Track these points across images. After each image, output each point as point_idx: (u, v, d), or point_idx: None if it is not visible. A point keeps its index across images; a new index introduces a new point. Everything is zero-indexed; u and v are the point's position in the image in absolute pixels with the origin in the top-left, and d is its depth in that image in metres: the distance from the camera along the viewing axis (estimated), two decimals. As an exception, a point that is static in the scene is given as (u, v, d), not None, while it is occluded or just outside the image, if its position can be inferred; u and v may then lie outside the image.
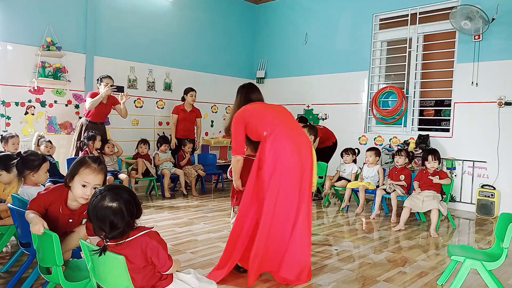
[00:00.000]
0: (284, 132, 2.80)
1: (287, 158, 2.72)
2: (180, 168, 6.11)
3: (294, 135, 2.83)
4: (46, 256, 2.01)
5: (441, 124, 6.64)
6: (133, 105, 6.44)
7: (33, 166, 2.64)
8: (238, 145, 2.92)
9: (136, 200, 1.83)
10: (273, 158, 2.72)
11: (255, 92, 3.12)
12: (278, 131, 2.78)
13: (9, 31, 5.25)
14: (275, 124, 2.82)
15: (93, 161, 2.16)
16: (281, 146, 2.73)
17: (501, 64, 5.22)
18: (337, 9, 6.93)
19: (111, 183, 1.99)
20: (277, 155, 2.72)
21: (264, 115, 2.89)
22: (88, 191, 2.10)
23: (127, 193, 1.81)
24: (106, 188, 1.81)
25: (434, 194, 4.32)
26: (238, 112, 2.97)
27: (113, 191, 1.79)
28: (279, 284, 2.75)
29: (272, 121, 2.83)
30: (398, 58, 6.34)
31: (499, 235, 2.58)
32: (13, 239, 3.32)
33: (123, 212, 1.74)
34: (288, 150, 2.73)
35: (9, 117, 5.30)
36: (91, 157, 2.20)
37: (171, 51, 6.95)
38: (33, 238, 2.09)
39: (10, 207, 2.41)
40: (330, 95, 6.98)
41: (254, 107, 2.97)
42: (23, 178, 2.63)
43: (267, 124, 2.82)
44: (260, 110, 2.95)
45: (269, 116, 2.88)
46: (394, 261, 3.33)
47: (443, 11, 5.73)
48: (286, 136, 2.78)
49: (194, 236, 3.86)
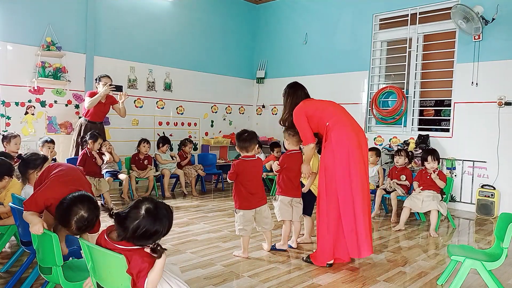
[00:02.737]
0: (345, 121, 3.14)
1: (353, 144, 3.04)
2: (180, 168, 6.11)
3: (353, 123, 3.18)
4: (46, 256, 2.01)
5: (441, 124, 6.64)
6: (133, 105, 6.44)
7: (35, 165, 2.66)
8: (307, 134, 3.24)
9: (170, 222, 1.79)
10: (341, 144, 3.03)
11: (305, 89, 3.53)
12: (340, 120, 3.12)
13: (9, 31, 5.25)
14: (337, 115, 3.17)
15: (78, 228, 2.01)
16: (345, 132, 3.06)
17: (501, 64, 5.23)
18: (337, 9, 6.93)
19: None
20: (343, 142, 3.04)
21: (326, 108, 3.25)
22: None
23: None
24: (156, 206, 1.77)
25: (434, 194, 4.32)
26: (298, 107, 3.31)
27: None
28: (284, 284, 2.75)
29: (335, 114, 3.18)
30: (398, 58, 6.34)
31: (499, 235, 2.58)
32: (13, 239, 3.32)
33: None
34: (351, 136, 3.06)
35: (9, 117, 5.30)
36: (81, 220, 2.01)
37: (171, 51, 6.95)
38: (33, 238, 2.09)
39: (11, 206, 2.42)
40: (330, 95, 6.92)
41: (314, 102, 3.36)
42: (27, 179, 2.64)
43: (330, 115, 3.16)
44: (321, 104, 3.31)
45: (330, 108, 3.25)
46: (394, 261, 3.33)
47: (443, 11, 5.73)
48: (348, 124, 3.13)
49: (194, 236, 3.86)
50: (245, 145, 3.27)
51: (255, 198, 3.24)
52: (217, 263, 3.12)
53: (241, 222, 3.21)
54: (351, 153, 3.02)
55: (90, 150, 5.02)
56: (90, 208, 2.02)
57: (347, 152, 3.01)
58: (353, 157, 3.02)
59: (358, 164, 3.03)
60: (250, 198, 3.22)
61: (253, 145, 3.30)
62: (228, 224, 4.32)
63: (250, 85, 8.27)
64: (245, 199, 3.21)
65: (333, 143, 3.05)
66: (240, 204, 3.22)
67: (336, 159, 3.03)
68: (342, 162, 3.01)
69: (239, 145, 3.30)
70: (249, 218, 3.22)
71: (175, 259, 3.15)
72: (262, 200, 3.28)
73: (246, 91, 8.18)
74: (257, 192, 3.25)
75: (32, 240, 2.11)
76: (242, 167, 3.21)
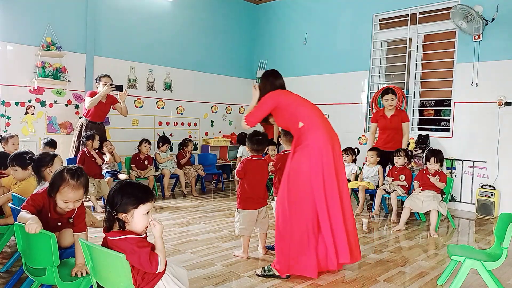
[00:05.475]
0: (320, 124, 2.92)
1: (328, 149, 2.84)
2: (180, 168, 6.11)
3: (327, 126, 2.97)
4: (39, 257, 1.99)
5: (441, 124, 6.63)
6: (133, 105, 6.44)
7: (46, 162, 2.69)
8: (257, 118, 3.03)
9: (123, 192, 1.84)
10: (317, 148, 2.83)
11: (281, 78, 3.19)
12: (315, 124, 2.90)
13: (9, 31, 5.25)
14: (313, 117, 2.93)
15: (71, 176, 2.15)
16: (322, 138, 2.86)
17: (501, 64, 5.23)
18: (337, 9, 6.93)
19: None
20: (319, 146, 2.84)
21: (300, 105, 3.00)
22: (70, 205, 2.17)
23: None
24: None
25: (434, 194, 4.32)
26: (276, 93, 3.04)
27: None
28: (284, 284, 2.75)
29: (310, 115, 2.94)
30: (398, 58, 6.34)
31: (499, 235, 2.58)
32: (13, 239, 3.32)
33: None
34: (328, 142, 2.86)
35: (9, 117, 5.30)
36: (70, 171, 2.18)
37: (171, 51, 6.95)
38: (18, 240, 2.06)
39: (11, 207, 2.42)
40: (330, 95, 6.97)
41: (290, 95, 3.07)
42: (42, 177, 2.67)
43: (304, 116, 2.93)
44: (296, 99, 3.04)
45: (305, 108, 2.99)
46: (394, 261, 3.33)
47: (443, 11, 5.73)
48: (324, 129, 2.91)
49: (194, 236, 3.86)
50: (258, 148, 3.30)
51: (259, 198, 3.26)
52: (217, 263, 3.12)
53: (243, 221, 3.21)
54: (326, 159, 2.82)
55: (89, 150, 5.02)
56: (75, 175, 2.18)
57: (321, 158, 2.81)
58: (327, 163, 2.82)
59: (332, 170, 2.83)
60: (255, 198, 3.23)
61: (264, 148, 3.35)
62: (228, 224, 4.32)
63: (250, 85, 8.23)
64: (250, 199, 3.22)
65: (309, 148, 2.84)
66: (245, 204, 3.23)
67: (312, 165, 2.81)
68: (317, 169, 2.81)
69: (251, 147, 3.31)
70: (252, 218, 3.23)
71: (175, 259, 3.15)
72: (264, 201, 3.31)
73: (246, 91, 8.16)
74: (261, 193, 3.27)
75: (17, 242, 2.07)
76: (250, 166, 3.24)
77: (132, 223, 1.82)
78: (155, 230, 1.82)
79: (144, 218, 1.83)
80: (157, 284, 1.82)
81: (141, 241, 1.80)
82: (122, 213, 1.80)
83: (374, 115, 5.53)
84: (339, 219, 2.84)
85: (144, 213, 1.83)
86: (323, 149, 2.83)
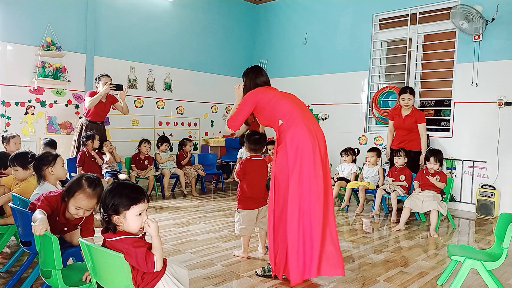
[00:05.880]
0: (302, 121, 2.75)
1: (308, 147, 2.69)
2: (180, 168, 6.11)
3: (311, 124, 2.80)
4: (46, 259, 2.00)
5: (441, 124, 6.63)
6: (133, 105, 6.44)
7: (48, 161, 2.69)
8: (237, 122, 2.92)
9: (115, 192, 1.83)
10: (295, 147, 2.69)
11: (263, 76, 3.05)
12: (296, 121, 2.74)
13: (9, 31, 5.25)
14: (292, 113, 2.77)
15: (89, 184, 2.17)
16: (301, 135, 2.70)
17: (501, 64, 5.23)
18: (337, 9, 6.93)
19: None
20: (297, 144, 2.69)
21: (279, 100, 2.84)
22: (81, 212, 2.18)
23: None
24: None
25: (434, 194, 4.32)
26: (255, 92, 2.91)
27: None
28: (281, 285, 2.75)
29: (290, 111, 2.78)
30: (398, 58, 6.34)
31: (499, 235, 2.58)
32: (13, 239, 3.32)
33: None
34: (308, 139, 2.70)
35: (9, 117, 5.30)
36: (89, 179, 2.19)
37: (171, 51, 6.95)
38: (36, 240, 2.08)
39: (11, 207, 2.42)
40: (330, 95, 6.97)
41: (273, 93, 2.91)
42: (42, 176, 2.66)
43: (283, 112, 2.79)
44: (275, 95, 2.88)
45: (285, 103, 2.83)
46: (394, 261, 3.33)
47: (443, 11, 5.73)
48: (304, 125, 2.73)
49: (194, 236, 3.86)
50: (255, 147, 3.30)
51: (259, 197, 3.26)
52: (217, 263, 3.12)
53: (243, 221, 3.21)
54: (306, 156, 2.67)
55: (89, 150, 5.02)
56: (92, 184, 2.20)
57: (300, 156, 2.67)
58: (307, 161, 2.67)
59: (312, 170, 2.67)
60: (255, 197, 3.23)
61: (262, 148, 3.34)
62: (228, 224, 4.32)
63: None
64: (250, 199, 3.22)
65: (286, 148, 2.71)
66: (245, 203, 3.23)
67: (290, 166, 2.69)
68: (295, 169, 2.67)
69: (249, 147, 3.31)
70: (252, 218, 3.23)
71: (175, 259, 3.15)
72: (264, 201, 3.30)
73: (246, 91, 8.16)
74: (261, 192, 3.28)
75: (35, 242, 2.10)
76: (249, 166, 3.24)
77: (125, 225, 1.81)
78: (150, 229, 1.82)
79: (137, 219, 1.81)
80: (157, 285, 1.82)
81: (137, 241, 1.80)
82: (114, 215, 1.79)
83: (391, 113, 5.39)
84: (317, 225, 2.68)
85: (137, 215, 1.81)
86: (301, 147, 2.68)
